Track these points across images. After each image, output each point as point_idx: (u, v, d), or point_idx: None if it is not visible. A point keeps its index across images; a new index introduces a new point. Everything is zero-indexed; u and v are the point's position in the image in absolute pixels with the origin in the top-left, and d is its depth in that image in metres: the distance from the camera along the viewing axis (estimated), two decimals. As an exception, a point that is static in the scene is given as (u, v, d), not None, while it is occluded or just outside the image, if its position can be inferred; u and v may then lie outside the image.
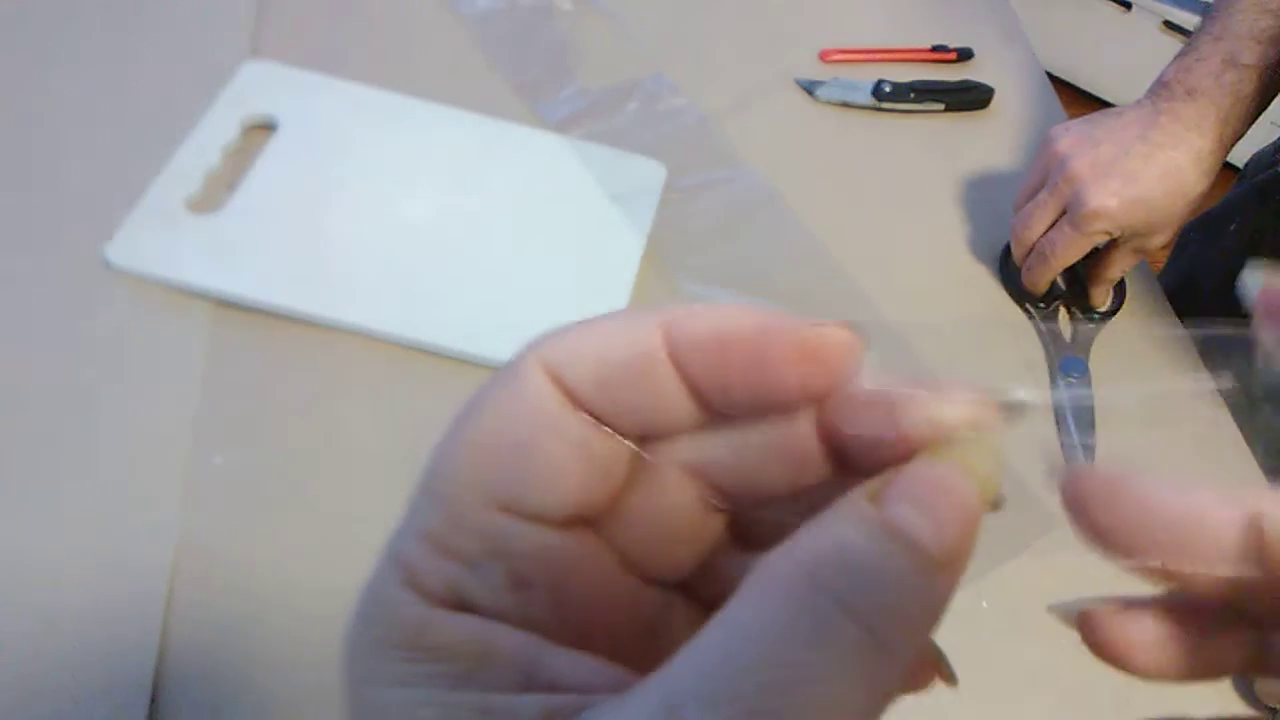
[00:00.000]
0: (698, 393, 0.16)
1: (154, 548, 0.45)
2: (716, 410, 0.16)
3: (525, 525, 0.16)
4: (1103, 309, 0.65)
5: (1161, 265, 0.93)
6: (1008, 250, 0.65)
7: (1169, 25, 1.86)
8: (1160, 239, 0.61)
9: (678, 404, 0.16)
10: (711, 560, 0.18)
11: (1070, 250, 0.60)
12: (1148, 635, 0.18)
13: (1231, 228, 0.76)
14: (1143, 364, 0.63)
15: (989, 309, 0.65)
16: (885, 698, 0.13)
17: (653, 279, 0.60)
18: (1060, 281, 0.65)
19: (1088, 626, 0.18)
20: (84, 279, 0.53)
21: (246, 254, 0.55)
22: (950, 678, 0.17)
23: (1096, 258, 0.62)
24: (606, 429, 0.16)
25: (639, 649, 0.17)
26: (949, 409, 0.16)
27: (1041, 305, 0.64)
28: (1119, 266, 0.63)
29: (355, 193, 0.59)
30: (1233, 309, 0.18)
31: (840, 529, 0.14)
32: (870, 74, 0.75)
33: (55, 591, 0.43)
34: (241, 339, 0.53)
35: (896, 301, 0.63)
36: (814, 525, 0.14)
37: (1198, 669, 0.18)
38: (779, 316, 0.16)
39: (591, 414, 0.16)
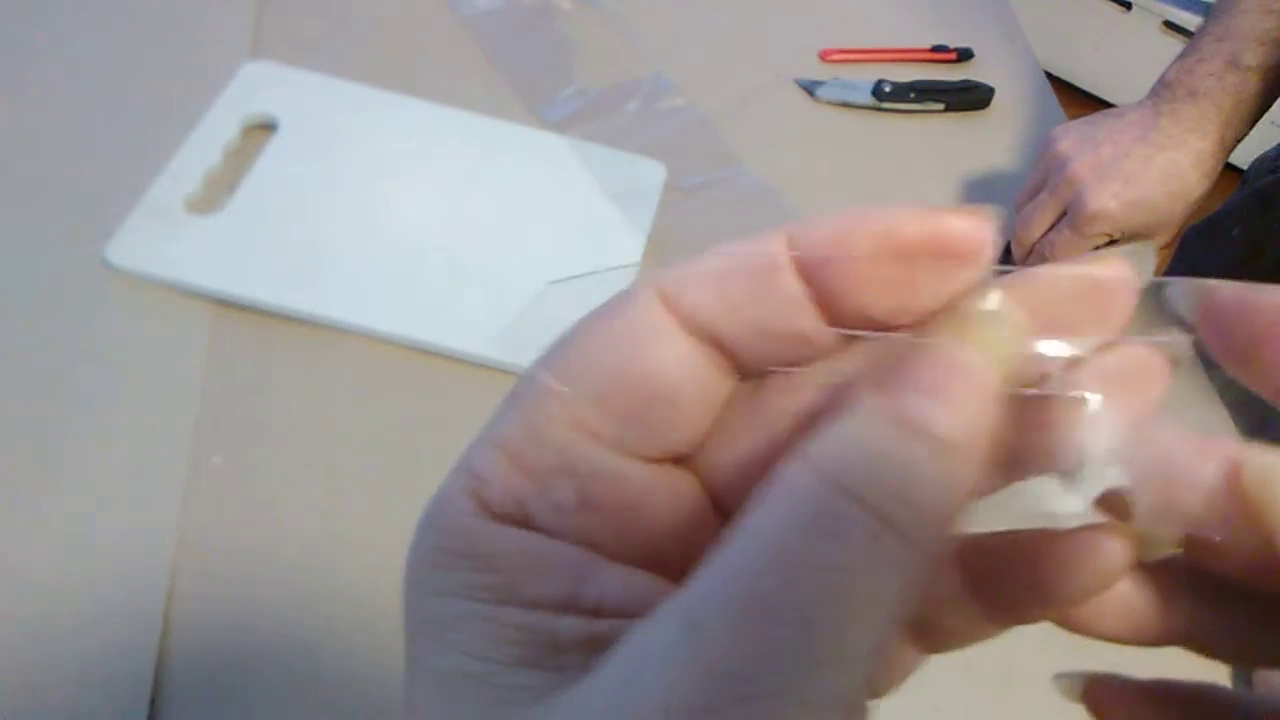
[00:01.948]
0: (826, 304, 0.15)
1: (154, 548, 0.45)
2: (838, 324, 0.15)
3: (605, 451, 0.15)
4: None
5: (1161, 265, 0.93)
6: (1007, 250, 0.65)
7: (1169, 25, 1.86)
8: (1160, 240, 0.61)
9: (803, 319, 0.15)
10: None
11: (1070, 251, 0.60)
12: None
13: (1234, 233, 0.76)
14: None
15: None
16: (909, 587, 0.13)
17: (653, 279, 0.60)
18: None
19: (1095, 702, 0.18)
20: (84, 279, 0.53)
21: (246, 254, 0.55)
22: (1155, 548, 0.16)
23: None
24: (721, 355, 0.15)
25: None
26: (963, 284, 0.15)
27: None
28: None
29: (355, 193, 0.59)
30: None
31: (848, 425, 0.14)
32: (870, 74, 0.75)
33: (55, 592, 0.43)
34: (241, 339, 0.53)
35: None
36: (826, 424, 0.14)
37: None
38: (903, 210, 0.15)
39: (709, 337, 0.15)
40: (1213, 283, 0.16)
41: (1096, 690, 0.18)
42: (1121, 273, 0.15)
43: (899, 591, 0.13)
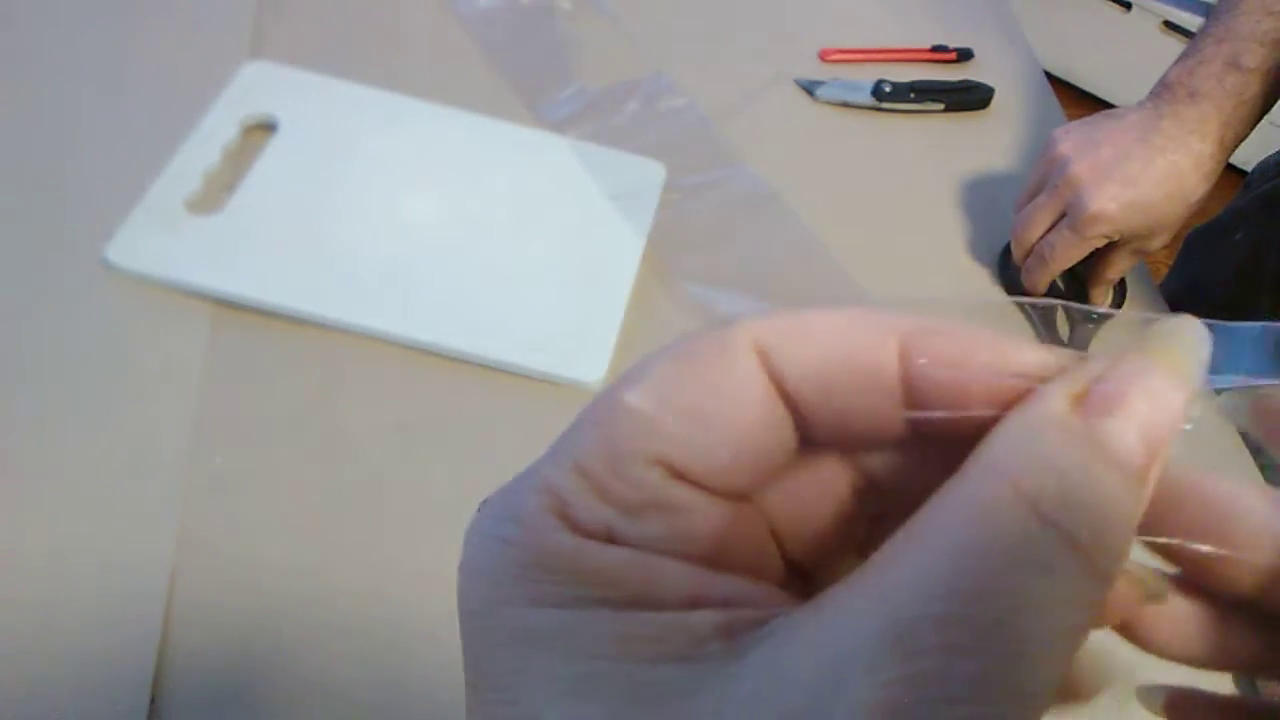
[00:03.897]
0: (912, 400, 0.15)
1: (154, 548, 0.45)
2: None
3: (686, 488, 0.15)
4: (1101, 310, 0.65)
5: (1162, 266, 0.93)
6: (1008, 250, 0.65)
7: (1169, 25, 1.86)
8: (1160, 241, 0.61)
9: (891, 418, 0.15)
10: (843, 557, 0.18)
11: (1069, 253, 0.60)
12: None
13: (1237, 237, 0.76)
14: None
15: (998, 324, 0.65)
16: (1091, 623, 0.14)
17: (653, 279, 0.60)
18: (1059, 282, 0.65)
19: (1176, 715, 0.18)
20: (84, 279, 0.53)
21: (246, 254, 0.55)
22: (1157, 595, 0.16)
23: (1096, 259, 0.62)
24: (793, 416, 0.16)
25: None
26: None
27: (1040, 307, 0.64)
28: (1118, 268, 0.63)
29: (355, 193, 0.59)
30: (1236, 318, 0.18)
31: (1050, 449, 0.14)
32: (870, 74, 0.75)
33: (55, 591, 0.43)
34: (241, 339, 0.53)
35: (896, 301, 0.63)
36: (1015, 434, 0.14)
37: None
38: (1007, 340, 0.15)
39: (795, 406, 0.16)
40: (1264, 390, 0.16)
41: (1178, 703, 0.18)
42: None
43: (1088, 625, 0.14)
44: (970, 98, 0.76)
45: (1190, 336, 0.15)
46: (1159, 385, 0.14)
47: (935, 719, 0.12)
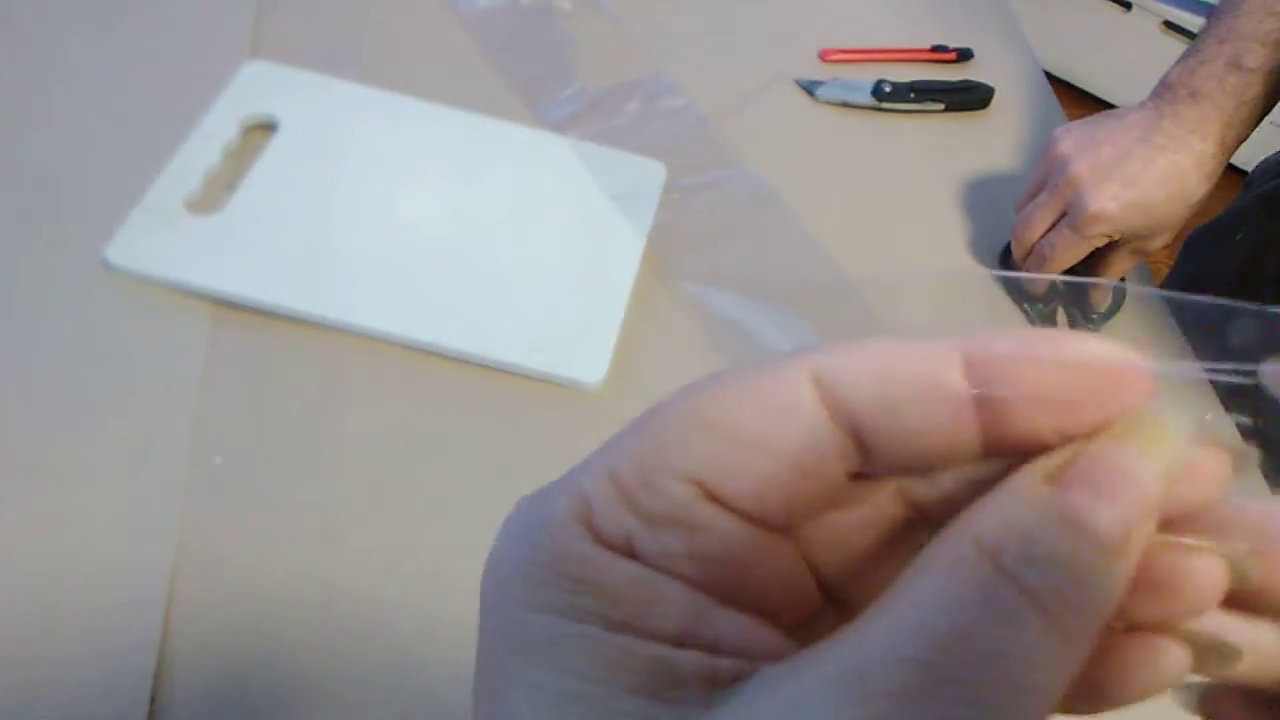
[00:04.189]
0: (986, 434, 0.15)
1: (154, 548, 0.45)
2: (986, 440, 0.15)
3: (716, 510, 0.15)
4: (1102, 310, 0.65)
5: (1162, 267, 0.93)
6: (1008, 250, 0.65)
7: (1169, 25, 1.86)
8: (1160, 241, 0.61)
9: (961, 441, 0.15)
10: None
11: (1069, 252, 0.60)
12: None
13: (1237, 237, 0.76)
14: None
15: (988, 309, 0.65)
16: (1062, 684, 0.13)
17: (653, 279, 0.60)
18: (1062, 287, 0.65)
19: (1212, 708, 0.18)
20: (84, 279, 0.53)
21: (246, 254, 0.55)
22: (1226, 659, 0.16)
23: (1096, 259, 0.62)
24: (851, 444, 0.15)
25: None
26: (1134, 393, 0.15)
27: (1040, 305, 0.64)
28: (1118, 268, 0.63)
29: (355, 193, 0.59)
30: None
31: (1019, 512, 0.14)
32: (870, 74, 0.75)
33: (55, 591, 0.43)
34: (241, 339, 0.53)
35: (896, 301, 0.63)
36: (989, 503, 0.14)
37: None
38: (1079, 348, 0.15)
39: (858, 429, 0.15)
40: None
41: (1214, 696, 0.18)
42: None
43: (1058, 686, 0.13)
44: (970, 98, 0.76)
45: (1174, 427, 0.15)
46: (1134, 468, 0.14)
47: None
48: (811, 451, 0.15)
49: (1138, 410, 0.15)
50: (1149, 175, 0.57)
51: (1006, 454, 0.15)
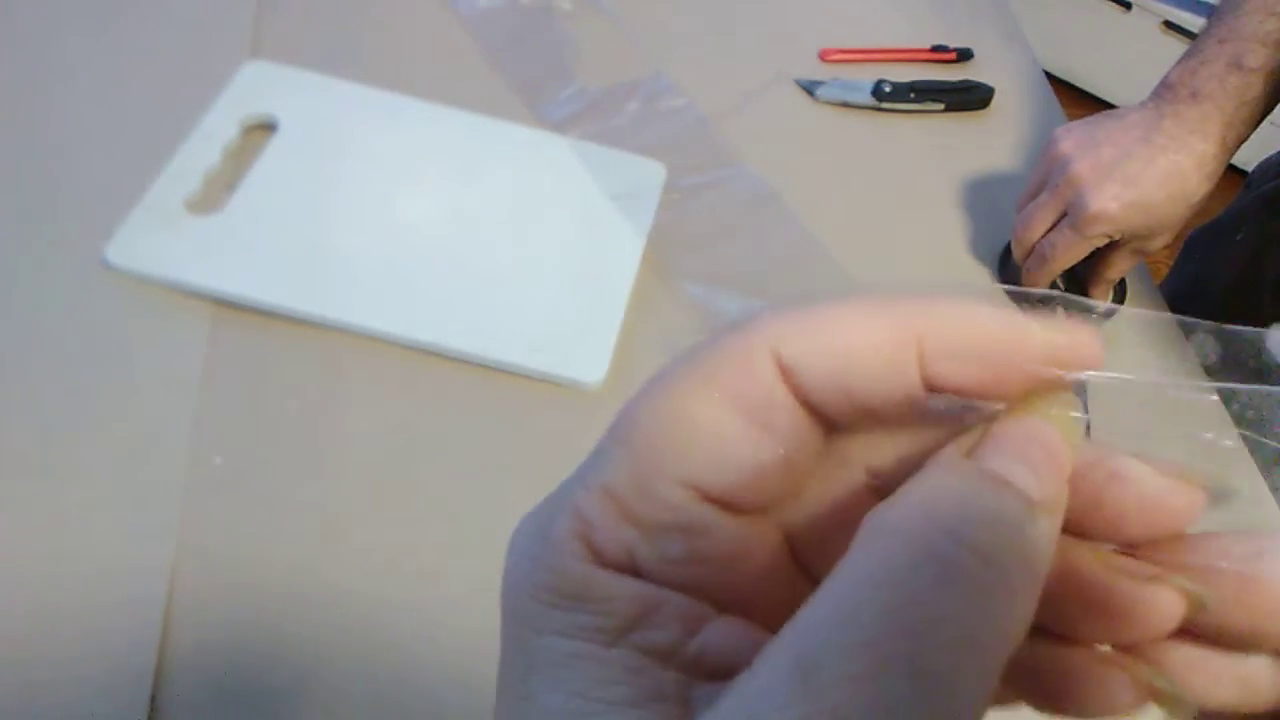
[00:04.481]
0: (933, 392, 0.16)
1: (154, 548, 0.45)
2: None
3: (710, 508, 0.16)
4: (1101, 310, 0.65)
5: (1162, 267, 0.93)
6: (1008, 250, 0.65)
7: (1169, 25, 1.86)
8: (1161, 241, 0.61)
9: (905, 399, 0.16)
10: None
11: (1070, 252, 0.60)
12: None
13: (1238, 237, 0.76)
14: (1142, 365, 0.63)
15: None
16: (1007, 643, 0.13)
17: (653, 279, 0.60)
18: (1059, 282, 0.65)
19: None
20: (84, 279, 0.53)
21: (246, 254, 0.55)
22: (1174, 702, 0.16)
23: (1096, 259, 0.62)
24: (815, 417, 0.16)
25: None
26: (1042, 367, 0.16)
27: (1041, 307, 0.64)
28: (1119, 268, 0.63)
29: (355, 193, 0.59)
30: (1237, 318, 0.18)
31: (946, 479, 0.14)
32: (870, 74, 0.75)
33: (55, 591, 0.43)
34: (241, 339, 0.53)
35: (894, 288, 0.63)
36: (915, 482, 0.15)
37: None
38: (1019, 320, 0.16)
39: (818, 409, 0.16)
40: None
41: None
42: (1189, 499, 0.16)
43: (1005, 645, 0.13)
44: (970, 98, 0.76)
45: (1068, 400, 0.16)
46: (1039, 430, 0.15)
47: None
48: (788, 436, 0.16)
49: (1042, 389, 0.16)
50: (1150, 175, 0.57)
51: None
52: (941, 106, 0.75)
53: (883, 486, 0.17)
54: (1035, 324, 0.16)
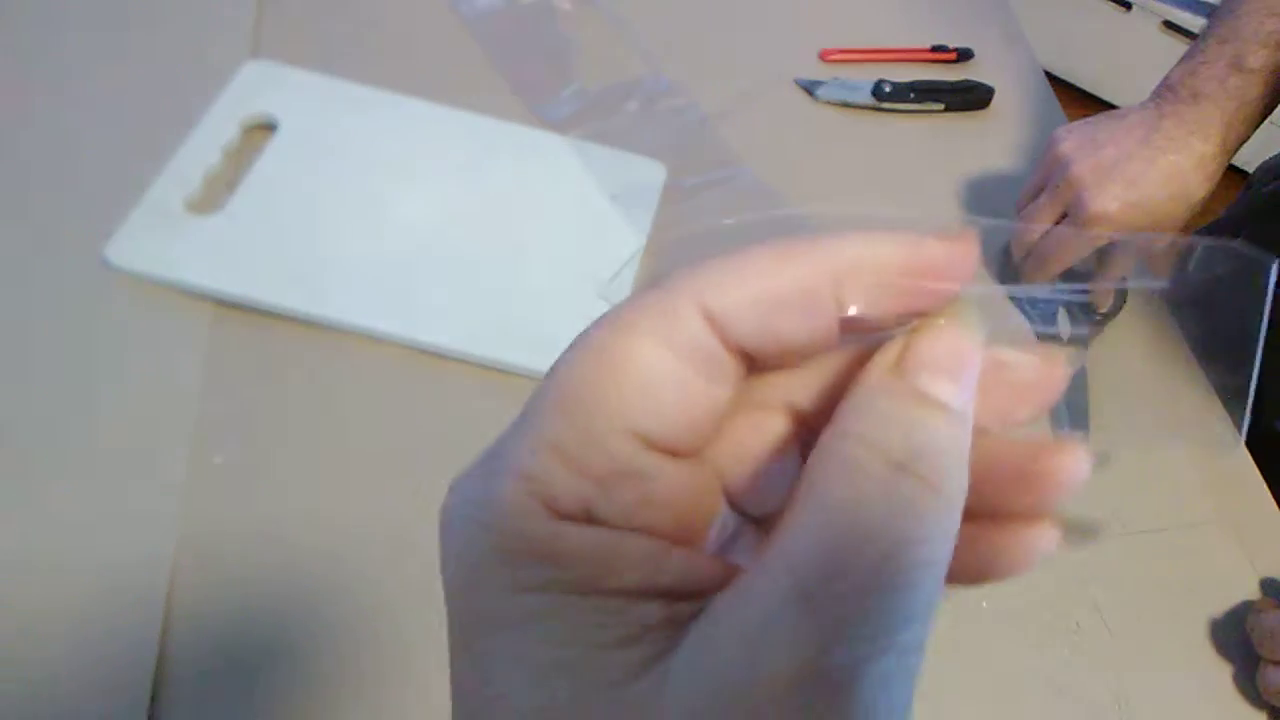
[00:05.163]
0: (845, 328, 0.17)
1: (154, 547, 0.45)
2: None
3: (654, 454, 0.17)
4: (1103, 310, 0.65)
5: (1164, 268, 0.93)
6: (1008, 250, 0.65)
7: (1169, 25, 1.85)
8: (1162, 242, 0.61)
9: (827, 336, 0.17)
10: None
11: (1070, 253, 0.60)
12: None
13: (1239, 238, 0.76)
14: (1142, 365, 0.63)
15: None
16: (951, 541, 0.16)
17: (653, 279, 0.60)
18: (1060, 282, 0.65)
19: None
20: (84, 279, 0.53)
21: (246, 254, 0.55)
22: (1083, 533, 0.18)
23: (1097, 259, 0.62)
24: (739, 359, 0.17)
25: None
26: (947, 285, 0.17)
27: (1041, 305, 0.64)
28: (1119, 268, 0.63)
29: (355, 193, 0.59)
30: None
31: (883, 405, 0.16)
32: (870, 74, 0.75)
33: (55, 591, 0.43)
34: (241, 339, 0.53)
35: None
36: (854, 404, 0.16)
37: None
38: (913, 238, 0.17)
39: (742, 350, 0.17)
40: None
41: None
42: (1052, 371, 0.18)
43: (951, 544, 0.16)
44: (970, 98, 0.76)
45: (972, 301, 0.17)
46: (958, 340, 0.17)
47: (853, 657, 0.14)
48: (718, 380, 0.17)
49: (952, 298, 0.17)
50: (1150, 176, 0.57)
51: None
52: (941, 106, 0.75)
53: (806, 419, 0.19)
54: (929, 240, 0.17)
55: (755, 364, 0.18)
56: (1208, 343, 0.57)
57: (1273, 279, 0.20)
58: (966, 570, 0.17)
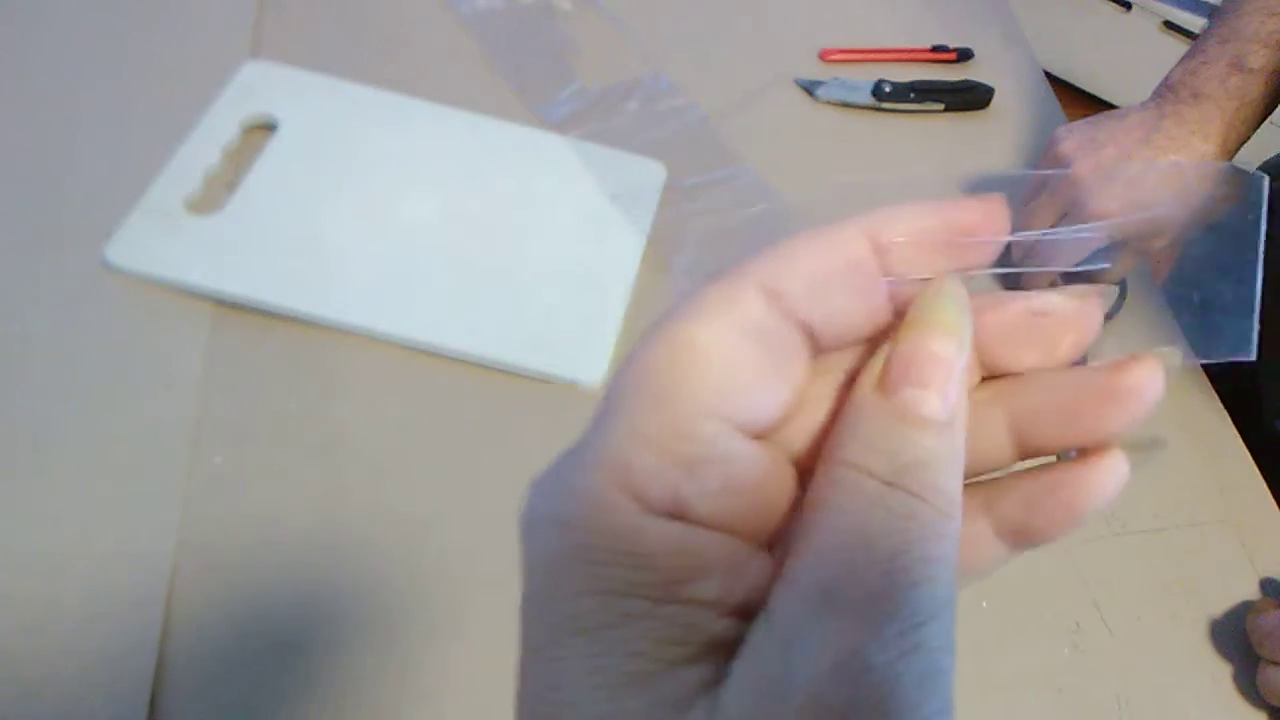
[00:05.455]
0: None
1: (154, 547, 0.45)
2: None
3: (735, 435, 0.17)
4: (1104, 310, 0.65)
5: (1165, 268, 0.93)
6: (1008, 250, 0.65)
7: (1169, 25, 1.85)
8: (1162, 241, 0.61)
9: (879, 306, 0.18)
10: None
11: (1070, 253, 0.60)
12: None
13: None
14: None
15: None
16: (955, 524, 0.17)
17: (653, 279, 0.60)
18: (1060, 282, 0.65)
19: None
20: (84, 279, 0.53)
21: (246, 254, 0.55)
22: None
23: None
24: (806, 338, 0.18)
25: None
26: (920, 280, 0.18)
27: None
28: (1119, 268, 0.63)
29: (355, 193, 0.59)
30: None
31: (871, 428, 0.17)
32: (870, 74, 0.75)
33: (55, 591, 0.43)
34: (241, 339, 0.53)
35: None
36: (844, 425, 0.17)
37: None
38: (950, 204, 0.18)
39: (805, 323, 0.18)
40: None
41: None
42: (1086, 307, 0.19)
43: (955, 529, 0.16)
44: (970, 98, 0.76)
45: (949, 294, 0.18)
46: (934, 348, 0.17)
47: (886, 656, 0.15)
48: (788, 360, 0.18)
49: (934, 294, 0.18)
50: (1150, 176, 0.57)
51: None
52: (941, 106, 0.75)
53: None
54: (963, 201, 0.19)
55: (820, 344, 0.18)
56: (1215, 268, 0.57)
57: (1265, 193, 0.21)
58: (1054, 519, 0.18)
